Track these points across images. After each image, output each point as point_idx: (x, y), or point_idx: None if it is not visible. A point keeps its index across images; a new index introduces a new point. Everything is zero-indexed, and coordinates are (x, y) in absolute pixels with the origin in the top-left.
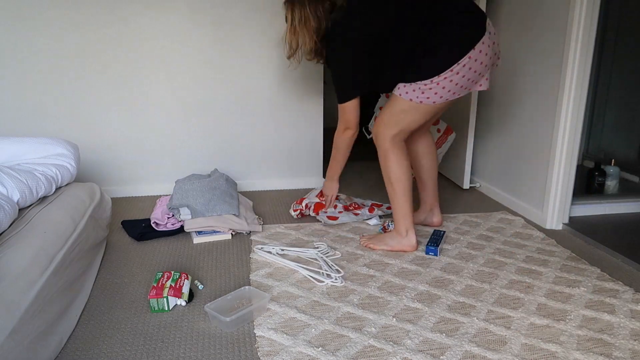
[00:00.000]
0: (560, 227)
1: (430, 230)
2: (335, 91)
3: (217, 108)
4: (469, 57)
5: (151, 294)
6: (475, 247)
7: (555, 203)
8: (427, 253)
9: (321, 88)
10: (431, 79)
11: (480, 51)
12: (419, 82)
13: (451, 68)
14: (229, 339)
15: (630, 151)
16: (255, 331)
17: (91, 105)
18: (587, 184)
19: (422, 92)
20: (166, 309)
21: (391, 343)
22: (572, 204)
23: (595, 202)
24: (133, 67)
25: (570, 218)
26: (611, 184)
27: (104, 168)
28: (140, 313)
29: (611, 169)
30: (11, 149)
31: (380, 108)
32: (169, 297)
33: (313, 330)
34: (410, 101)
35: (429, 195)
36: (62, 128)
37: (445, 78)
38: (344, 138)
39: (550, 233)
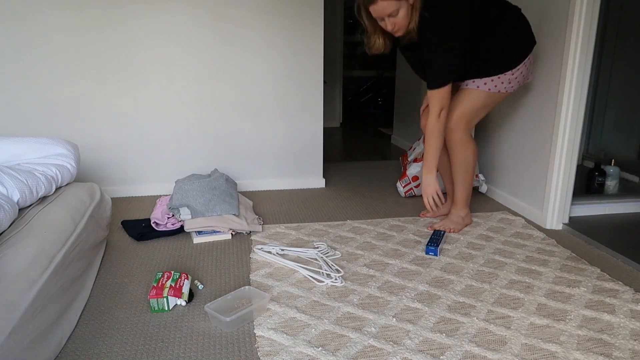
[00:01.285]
0: (560, 227)
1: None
2: (431, 77)
3: (217, 108)
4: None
5: (151, 294)
6: (475, 247)
7: (555, 203)
8: (427, 253)
9: (321, 88)
10: (512, 70)
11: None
12: (498, 74)
13: (524, 60)
14: (229, 339)
15: (630, 151)
16: (255, 331)
17: (91, 105)
18: (587, 184)
19: (502, 82)
20: (166, 309)
21: (391, 343)
22: (572, 204)
23: (595, 202)
24: (133, 67)
25: (570, 218)
26: (611, 184)
27: (104, 168)
28: (140, 313)
29: (611, 169)
30: (11, 149)
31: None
32: (169, 297)
33: (313, 330)
34: (489, 91)
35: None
36: (62, 128)
37: (518, 69)
38: (441, 120)
39: (550, 233)
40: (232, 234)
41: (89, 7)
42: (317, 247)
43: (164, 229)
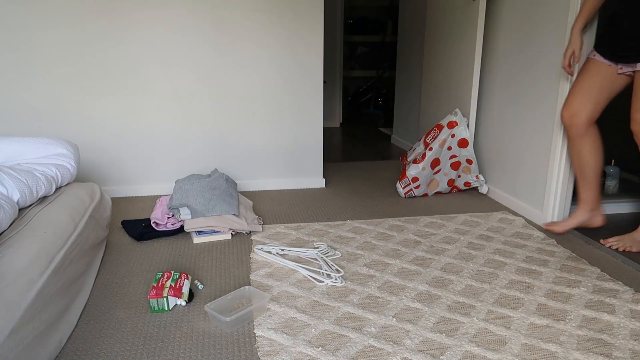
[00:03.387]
0: None
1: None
2: None
3: (217, 108)
4: None
5: (151, 294)
6: (475, 247)
7: (555, 203)
8: None
9: (321, 88)
10: None
11: None
12: None
13: None
14: (229, 339)
15: (630, 151)
16: (255, 331)
17: (91, 105)
18: None
19: None
20: (166, 309)
21: (391, 343)
22: (572, 204)
23: None
24: (133, 67)
25: None
26: (611, 184)
27: (104, 168)
28: (140, 313)
29: (611, 169)
30: (11, 149)
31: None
32: (169, 297)
33: (313, 330)
34: None
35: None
36: (62, 128)
37: None
38: None
39: (550, 233)
40: (232, 234)
41: (89, 8)
42: (317, 247)
43: (164, 229)
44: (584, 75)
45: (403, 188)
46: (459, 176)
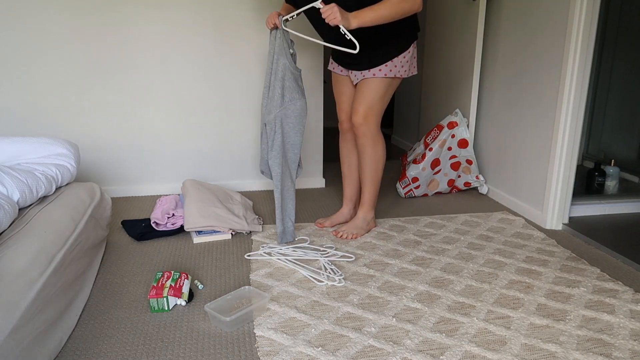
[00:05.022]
0: (560, 227)
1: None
2: None
3: (217, 107)
4: None
5: (151, 293)
6: (475, 247)
7: (555, 203)
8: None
9: (321, 88)
10: (403, 54)
11: None
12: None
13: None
14: (229, 339)
15: (630, 151)
16: (255, 331)
17: (91, 105)
18: (587, 184)
19: (395, 66)
20: (166, 308)
21: (391, 343)
22: (572, 204)
23: (595, 202)
24: (133, 68)
25: (570, 218)
26: (611, 184)
27: (104, 168)
28: (140, 313)
29: (611, 169)
30: (11, 149)
31: None
32: (169, 297)
33: (313, 330)
34: (385, 77)
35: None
36: (62, 128)
37: (409, 52)
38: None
39: (550, 233)
40: (232, 234)
41: (89, 8)
42: (318, 248)
43: (164, 229)
44: None
45: (403, 188)
46: (459, 176)
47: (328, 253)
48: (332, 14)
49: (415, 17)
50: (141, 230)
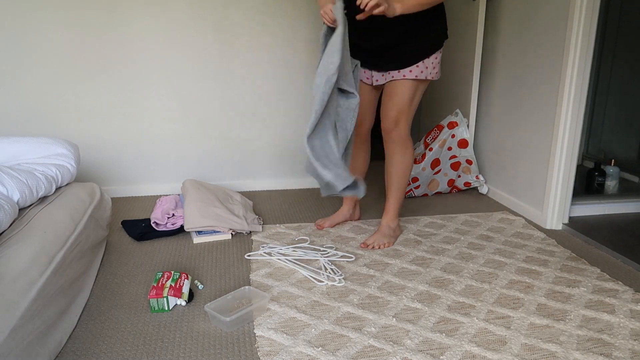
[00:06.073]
0: (560, 227)
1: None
2: None
3: (217, 108)
4: None
5: (151, 294)
6: (475, 247)
7: (555, 203)
8: None
9: None
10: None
11: None
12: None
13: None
14: (229, 339)
15: (630, 151)
16: (255, 331)
17: (91, 106)
18: (587, 184)
19: (427, 67)
20: (166, 309)
21: (391, 343)
22: (572, 204)
23: (595, 202)
24: (133, 67)
25: (570, 218)
26: (611, 184)
27: (104, 168)
28: (140, 313)
29: (611, 169)
30: (11, 149)
31: None
32: (169, 297)
33: (313, 330)
34: (416, 79)
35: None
36: (62, 128)
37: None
38: None
39: (550, 233)
40: (232, 234)
41: (89, 8)
42: (318, 248)
43: (164, 229)
44: None
45: None
46: (459, 176)
47: (328, 253)
48: None
49: (445, 15)
50: (141, 230)
